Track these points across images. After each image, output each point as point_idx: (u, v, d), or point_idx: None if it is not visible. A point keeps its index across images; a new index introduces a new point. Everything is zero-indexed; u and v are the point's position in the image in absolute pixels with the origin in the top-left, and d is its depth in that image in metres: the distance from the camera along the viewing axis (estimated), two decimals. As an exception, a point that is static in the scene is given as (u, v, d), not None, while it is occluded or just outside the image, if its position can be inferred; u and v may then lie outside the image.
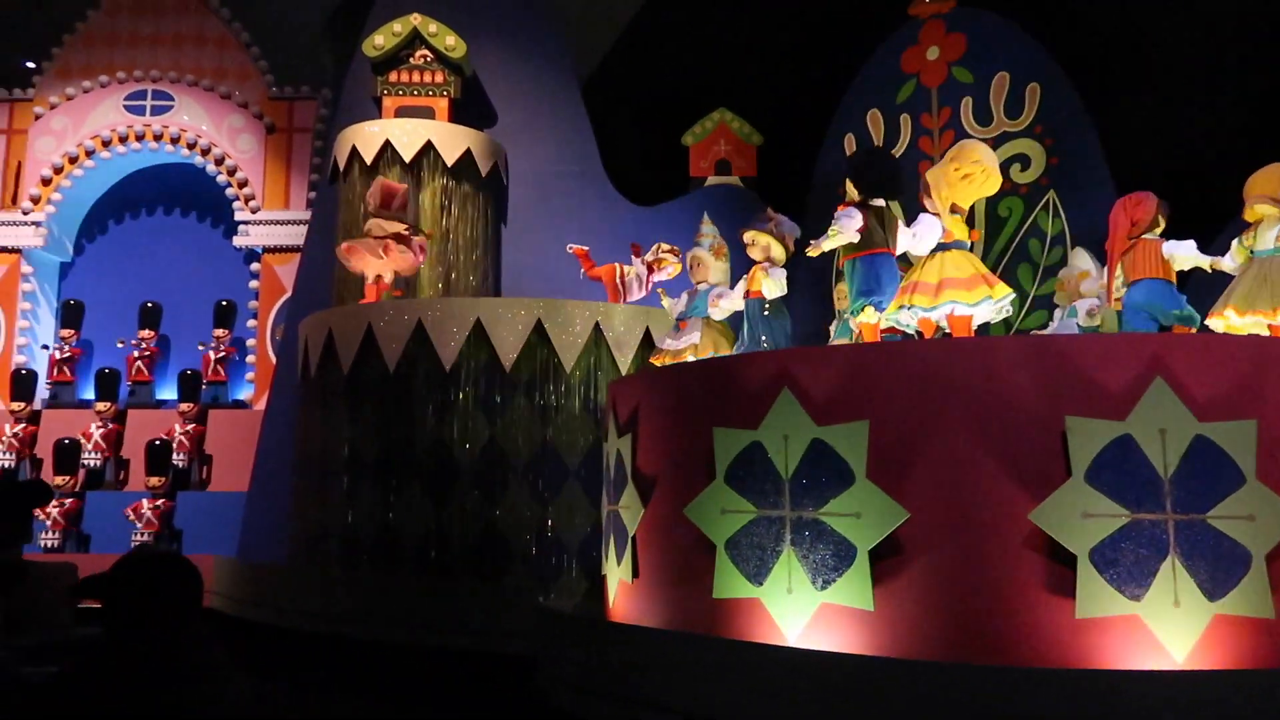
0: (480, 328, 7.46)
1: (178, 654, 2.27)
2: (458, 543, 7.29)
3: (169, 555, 2.48)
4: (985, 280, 4.75)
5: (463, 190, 9.47)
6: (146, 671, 2.22)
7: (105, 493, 10.58)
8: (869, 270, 4.91)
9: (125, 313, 11.61)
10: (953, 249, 4.83)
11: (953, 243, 4.85)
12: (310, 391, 8.21)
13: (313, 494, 7.98)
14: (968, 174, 4.85)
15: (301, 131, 11.77)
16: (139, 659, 2.23)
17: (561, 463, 7.44)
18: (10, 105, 11.92)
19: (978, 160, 5.00)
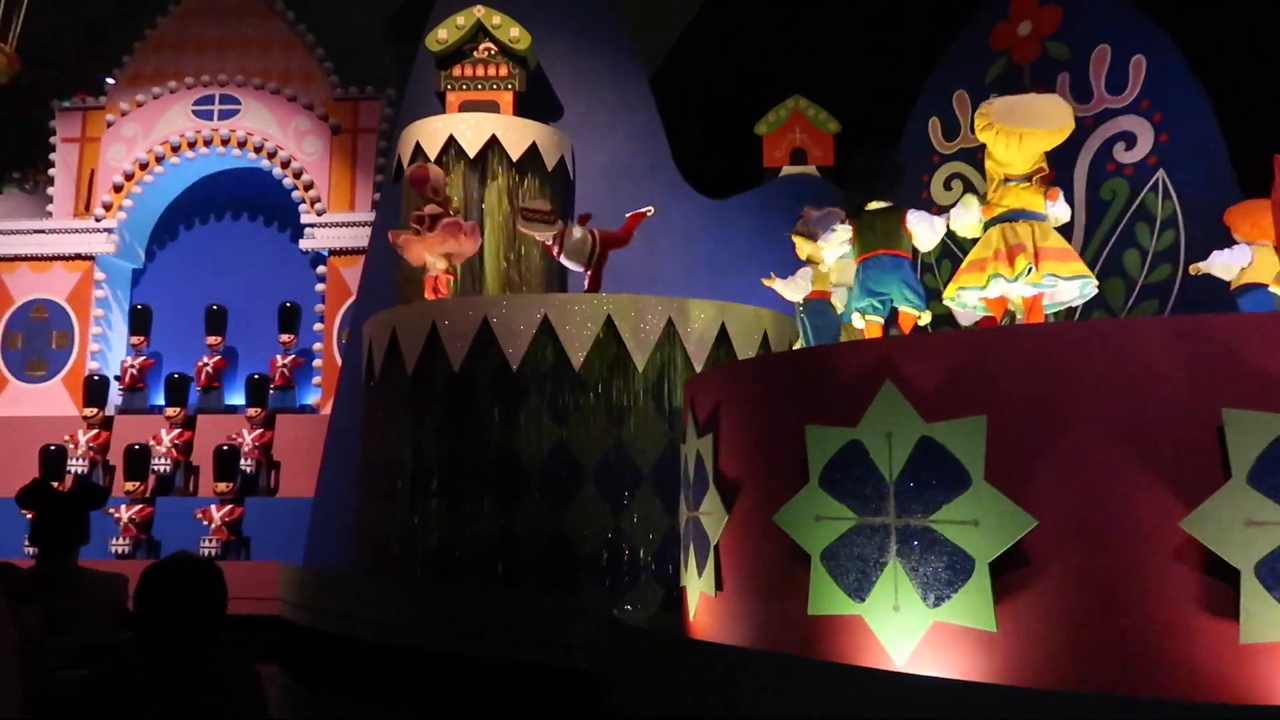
0: (548, 325, 7.11)
1: (201, 659, 2.32)
2: (525, 551, 6.94)
3: (195, 562, 2.50)
4: (1002, 257, 4.53)
5: (529, 185, 9.16)
6: (170, 675, 2.27)
7: (175, 499, 10.52)
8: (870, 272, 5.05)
9: (194, 318, 11.59)
10: (1001, 222, 4.63)
11: (1007, 214, 4.62)
12: (374, 394, 7.96)
13: (377, 500, 7.73)
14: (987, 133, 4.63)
15: (366, 132, 11.63)
16: (163, 663, 2.29)
17: (634, 466, 7.06)
18: (83, 113, 12.01)
19: (982, 115, 4.67)
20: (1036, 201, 4.66)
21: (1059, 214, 4.77)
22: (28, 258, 11.69)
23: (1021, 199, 4.66)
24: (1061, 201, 4.78)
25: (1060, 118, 4.67)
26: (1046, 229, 4.65)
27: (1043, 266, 4.51)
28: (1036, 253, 4.53)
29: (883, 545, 3.76)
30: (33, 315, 11.63)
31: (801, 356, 4.67)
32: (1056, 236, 4.70)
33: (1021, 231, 4.60)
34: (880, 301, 5.09)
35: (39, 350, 11.55)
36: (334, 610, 7.81)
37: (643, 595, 6.97)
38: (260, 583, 9.29)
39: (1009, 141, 4.62)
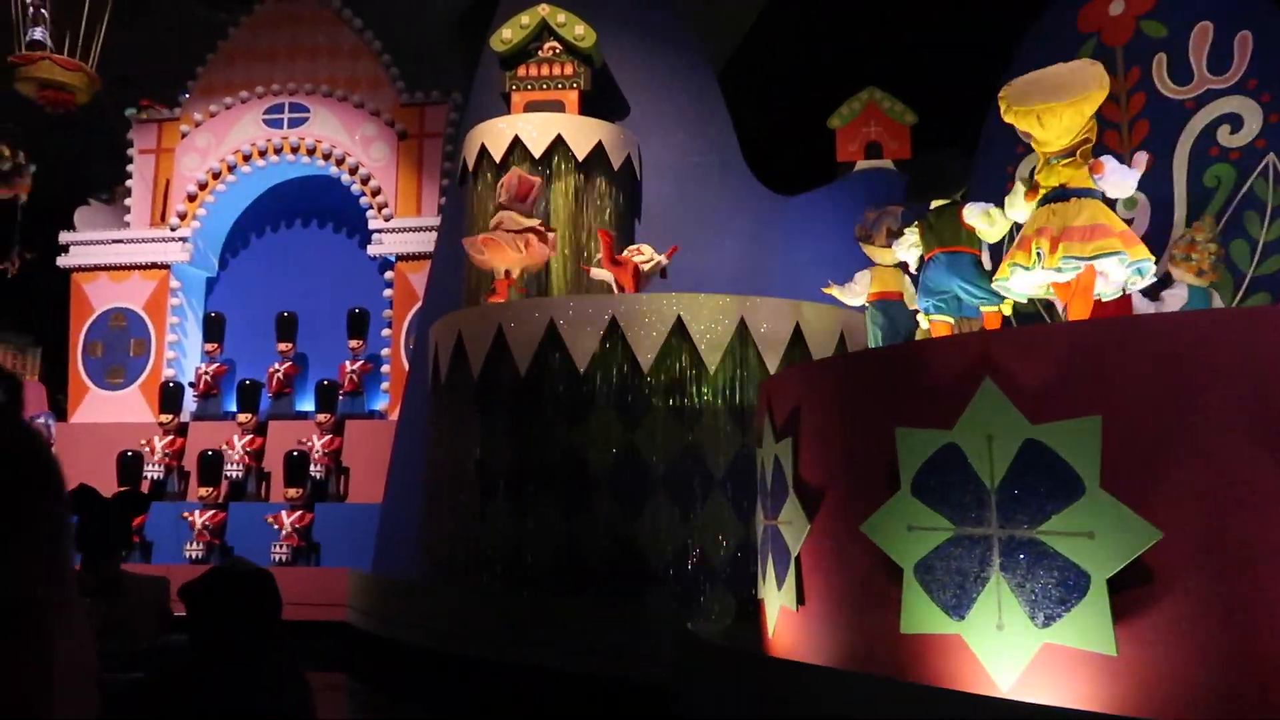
0: (616, 326, 6.90)
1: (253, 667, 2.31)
2: (594, 559, 6.73)
3: (250, 572, 2.51)
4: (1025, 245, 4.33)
5: (595, 185, 8.99)
6: (222, 682, 2.27)
7: (247, 504, 10.58)
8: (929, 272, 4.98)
9: (265, 325, 11.68)
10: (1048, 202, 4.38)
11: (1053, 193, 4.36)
12: (440, 398, 7.84)
13: (443, 506, 7.60)
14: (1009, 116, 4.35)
15: (432, 137, 11.60)
16: (216, 670, 2.29)
17: (705, 472, 6.79)
18: (159, 124, 12.22)
19: (1001, 98, 4.38)
20: (1080, 177, 4.32)
21: (1111, 187, 4.37)
22: (107, 267, 11.92)
23: (1063, 176, 4.34)
24: (1112, 172, 4.34)
25: (1080, 85, 4.24)
26: (1084, 205, 4.29)
27: (1060, 249, 4.20)
28: (1061, 234, 4.23)
29: (984, 558, 3.44)
30: (111, 324, 11.85)
31: (890, 354, 4.36)
32: (1094, 213, 4.28)
33: (1057, 212, 4.32)
34: (942, 301, 4.96)
35: (118, 358, 11.76)
36: (402, 618, 7.70)
37: (715, 606, 6.71)
38: (329, 589, 9.26)
39: (1031, 122, 4.31)
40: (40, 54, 11.22)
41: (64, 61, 11.32)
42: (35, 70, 11.06)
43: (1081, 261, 4.21)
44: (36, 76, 11.11)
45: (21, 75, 11.13)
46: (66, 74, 11.19)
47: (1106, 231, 4.26)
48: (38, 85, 11.23)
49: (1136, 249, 4.24)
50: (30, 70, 11.06)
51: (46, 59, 11.19)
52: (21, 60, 11.21)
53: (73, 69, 11.35)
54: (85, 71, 11.53)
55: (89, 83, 11.58)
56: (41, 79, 11.16)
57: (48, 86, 11.21)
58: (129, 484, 10.48)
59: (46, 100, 11.41)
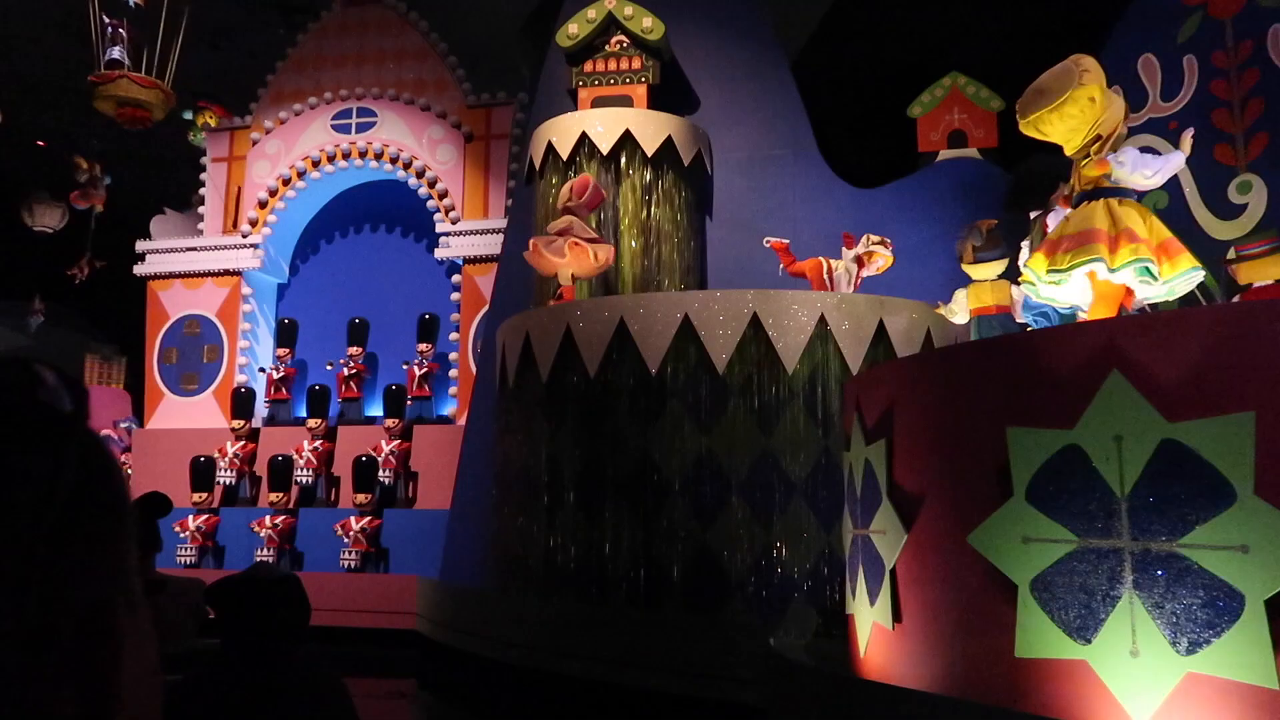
0: (689, 325, 6.60)
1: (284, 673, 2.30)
2: (668, 569, 6.43)
3: (276, 578, 2.43)
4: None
5: (664, 181, 8.70)
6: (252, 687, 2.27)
7: (317, 510, 10.53)
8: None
9: (335, 330, 11.66)
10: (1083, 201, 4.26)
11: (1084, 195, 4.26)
12: (508, 402, 7.63)
13: (512, 513, 7.38)
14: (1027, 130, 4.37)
15: (499, 138, 11.46)
16: (245, 675, 2.28)
17: (785, 477, 6.44)
18: (230, 133, 12.32)
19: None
20: (1103, 175, 4.24)
21: (1131, 180, 4.24)
22: (181, 275, 12.04)
23: (1088, 175, 4.28)
24: (1125, 165, 4.22)
25: (1059, 87, 4.18)
26: (1089, 210, 4.20)
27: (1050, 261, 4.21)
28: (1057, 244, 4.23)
29: (1114, 575, 3.04)
30: (186, 330, 11.96)
31: (1001, 345, 3.97)
32: (1089, 216, 4.17)
33: (1070, 219, 4.30)
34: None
35: (191, 364, 11.85)
36: (471, 628, 7.50)
37: (797, 620, 6.35)
38: (398, 596, 9.13)
39: (1034, 131, 4.32)
40: (118, 73, 11.45)
41: (140, 79, 11.53)
42: (113, 89, 11.32)
43: (1060, 274, 4.15)
44: (114, 95, 11.37)
45: (100, 94, 11.40)
46: (143, 91, 11.43)
47: (1091, 237, 4.11)
48: (115, 103, 11.47)
49: (1123, 252, 4.02)
50: (108, 89, 11.32)
51: (124, 77, 11.42)
52: (100, 80, 11.46)
53: (149, 86, 11.57)
54: (161, 89, 11.73)
55: (164, 100, 11.78)
56: (119, 97, 11.40)
57: (125, 104, 11.44)
58: (203, 490, 10.52)
59: (124, 118, 11.66)
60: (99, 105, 11.73)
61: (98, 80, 11.60)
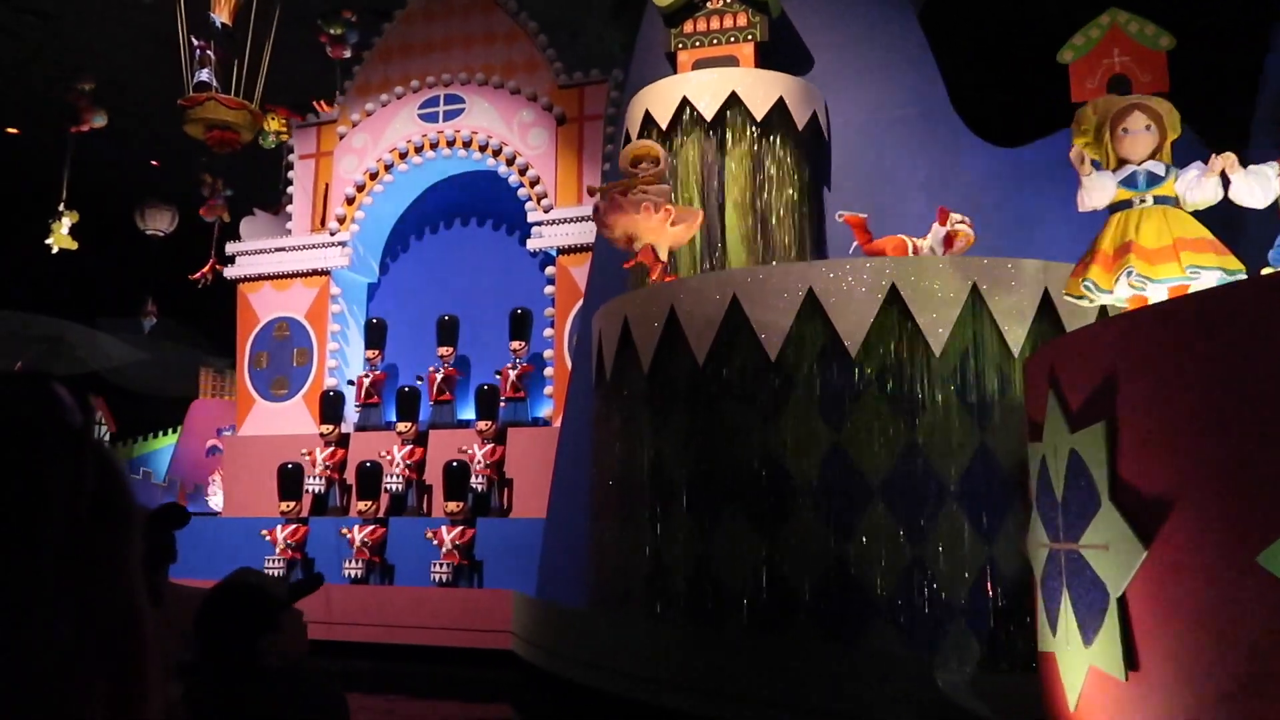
0: (814, 301, 5.62)
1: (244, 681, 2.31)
2: (797, 588, 5.45)
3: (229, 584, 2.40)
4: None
5: (776, 147, 7.74)
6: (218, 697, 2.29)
7: (407, 519, 9.91)
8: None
9: (425, 330, 11.06)
10: None
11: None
12: (606, 397, 6.78)
13: (612, 523, 6.52)
14: None
15: (592, 119, 10.68)
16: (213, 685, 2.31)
17: (935, 478, 5.41)
18: (317, 128, 11.90)
19: None
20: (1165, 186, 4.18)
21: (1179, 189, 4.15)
22: (270, 276, 11.65)
23: None
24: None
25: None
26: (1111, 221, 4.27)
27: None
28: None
29: None
30: (275, 334, 11.55)
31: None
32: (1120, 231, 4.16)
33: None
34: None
35: (282, 369, 11.43)
36: (570, 652, 6.67)
37: (952, 648, 5.30)
38: (492, 613, 8.39)
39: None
40: (205, 95, 11.23)
41: (228, 101, 11.30)
42: (201, 112, 11.14)
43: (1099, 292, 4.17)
44: (203, 118, 11.18)
45: (189, 117, 11.24)
46: (230, 113, 11.23)
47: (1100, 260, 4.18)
48: (204, 126, 11.26)
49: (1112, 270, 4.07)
50: (197, 112, 11.14)
51: (212, 99, 11.19)
52: (189, 103, 11.26)
53: (236, 107, 11.33)
54: (248, 109, 11.46)
55: (252, 121, 11.51)
56: (207, 120, 11.19)
57: (214, 127, 11.23)
58: (291, 499, 10.02)
59: (214, 141, 11.46)
60: (189, 129, 11.54)
61: (187, 104, 11.39)
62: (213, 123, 11.41)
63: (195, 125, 11.52)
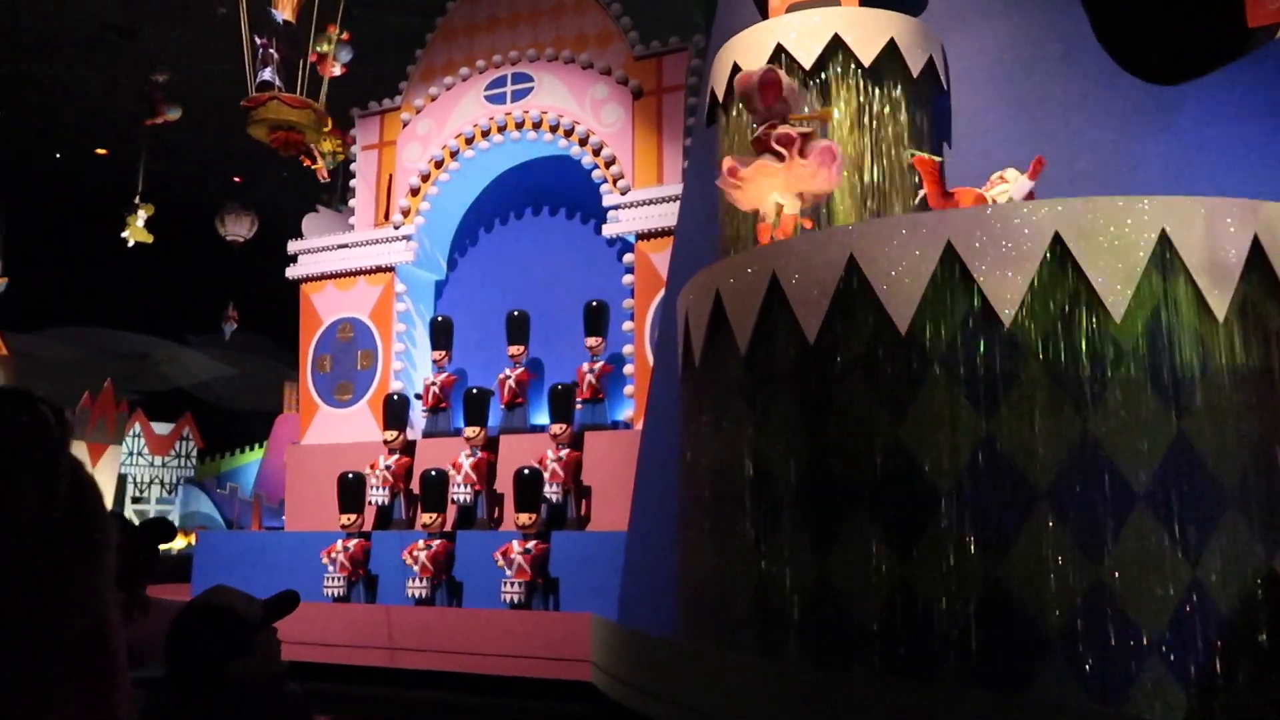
0: (954, 258, 4.51)
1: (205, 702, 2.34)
2: (944, 619, 4.33)
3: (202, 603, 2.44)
4: None
5: (886, 96, 6.64)
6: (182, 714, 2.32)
7: (476, 533, 9.02)
8: None
9: (494, 327, 10.20)
10: None
11: None
12: (695, 389, 5.76)
13: (706, 537, 5.48)
14: None
15: (672, 91, 9.70)
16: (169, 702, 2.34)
17: (1117, 479, 4.24)
18: (380, 116, 11.21)
19: None
20: None
21: None
22: (332, 275, 10.97)
23: None
24: None
25: None
26: None
27: None
28: None
29: None
30: (339, 335, 10.86)
31: None
32: None
33: None
34: None
35: (345, 372, 10.73)
36: (658, 689, 5.64)
37: (1147, 696, 4.11)
38: (568, 639, 7.41)
39: None
40: (268, 95, 10.74)
41: (291, 100, 10.80)
42: (264, 112, 10.68)
43: None
44: (266, 118, 10.70)
45: (253, 118, 10.78)
46: (294, 112, 10.75)
47: None
48: (268, 128, 10.78)
49: None
50: (260, 113, 10.66)
51: (275, 99, 10.69)
52: (252, 104, 10.78)
53: (299, 106, 10.81)
54: (312, 108, 10.94)
55: (317, 120, 10.99)
56: (270, 120, 10.71)
57: (277, 128, 10.73)
58: (352, 511, 9.24)
59: (278, 143, 10.99)
60: (252, 131, 11.07)
61: (249, 104, 10.90)
62: (276, 123, 10.93)
63: (259, 127, 11.05)
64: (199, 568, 10.03)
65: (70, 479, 0.84)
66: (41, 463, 0.83)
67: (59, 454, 0.84)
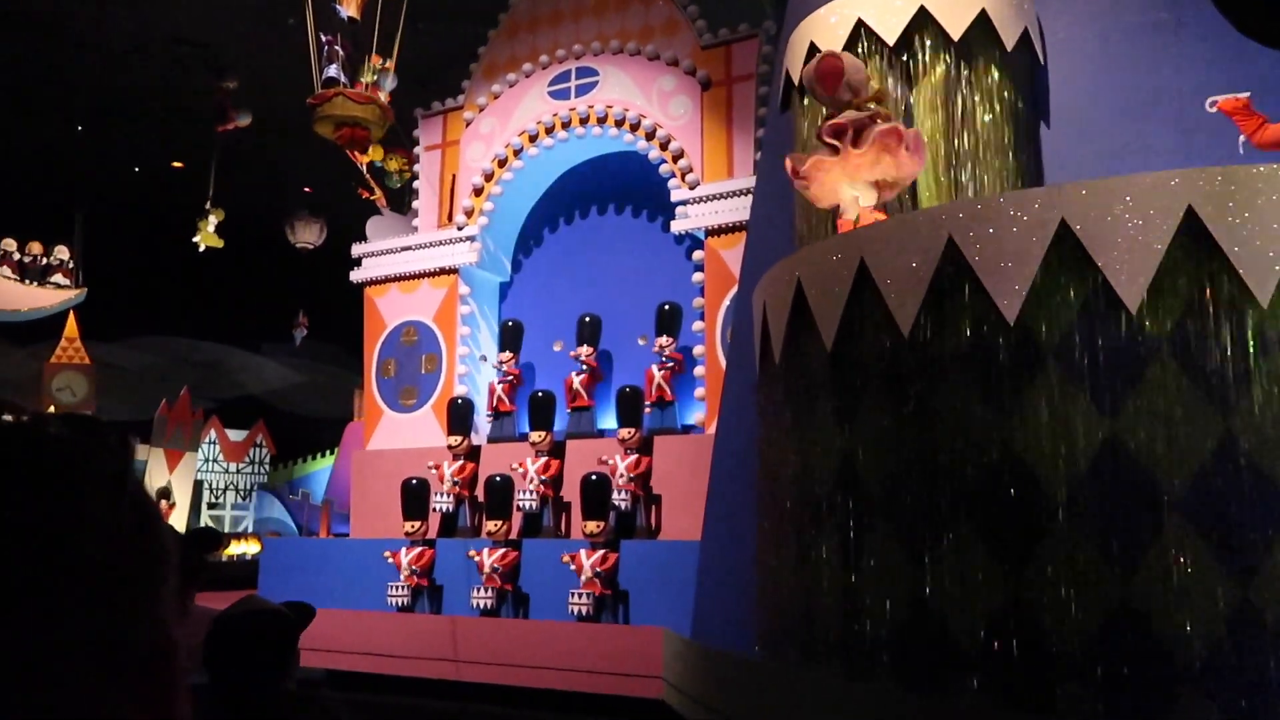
0: (1068, 236, 4.02)
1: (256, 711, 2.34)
2: (1064, 642, 3.84)
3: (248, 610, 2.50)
4: None
5: (978, 73, 6.14)
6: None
7: (543, 541, 8.71)
8: None
9: (562, 329, 9.91)
10: None
11: None
12: (775, 388, 5.34)
13: (787, 547, 5.05)
14: None
15: (742, 80, 9.29)
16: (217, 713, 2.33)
17: (1266, 484, 3.70)
18: (443, 116, 11.01)
19: None
20: None
21: None
22: (396, 278, 10.80)
23: None
24: None
25: None
26: None
27: None
28: None
29: None
30: (403, 339, 10.68)
31: None
32: None
33: None
34: None
35: (410, 377, 10.53)
36: (737, 711, 5.24)
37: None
38: (639, 654, 7.04)
39: None
40: (333, 90, 10.66)
41: (356, 95, 10.71)
42: (330, 108, 10.61)
43: None
44: (332, 115, 10.63)
45: (318, 115, 10.72)
46: (359, 108, 10.65)
47: None
48: (334, 125, 10.70)
49: None
50: (325, 109, 10.59)
51: (340, 94, 10.60)
52: (318, 100, 10.70)
53: (364, 101, 10.70)
54: (377, 103, 10.82)
55: (381, 116, 10.88)
56: (336, 116, 10.63)
57: (343, 124, 10.64)
58: (416, 518, 9.01)
59: (344, 140, 10.93)
60: (318, 129, 11.02)
61: (315, 101, 10.84)
62: (341, 119, 10.86)
63: (324, 124, 11.00)
64: (264, 573, 9.92)
65: (134, 501, 0.86)
66: (107, 486, 0.83)
67: (124, 477, 0.86)
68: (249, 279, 25.61)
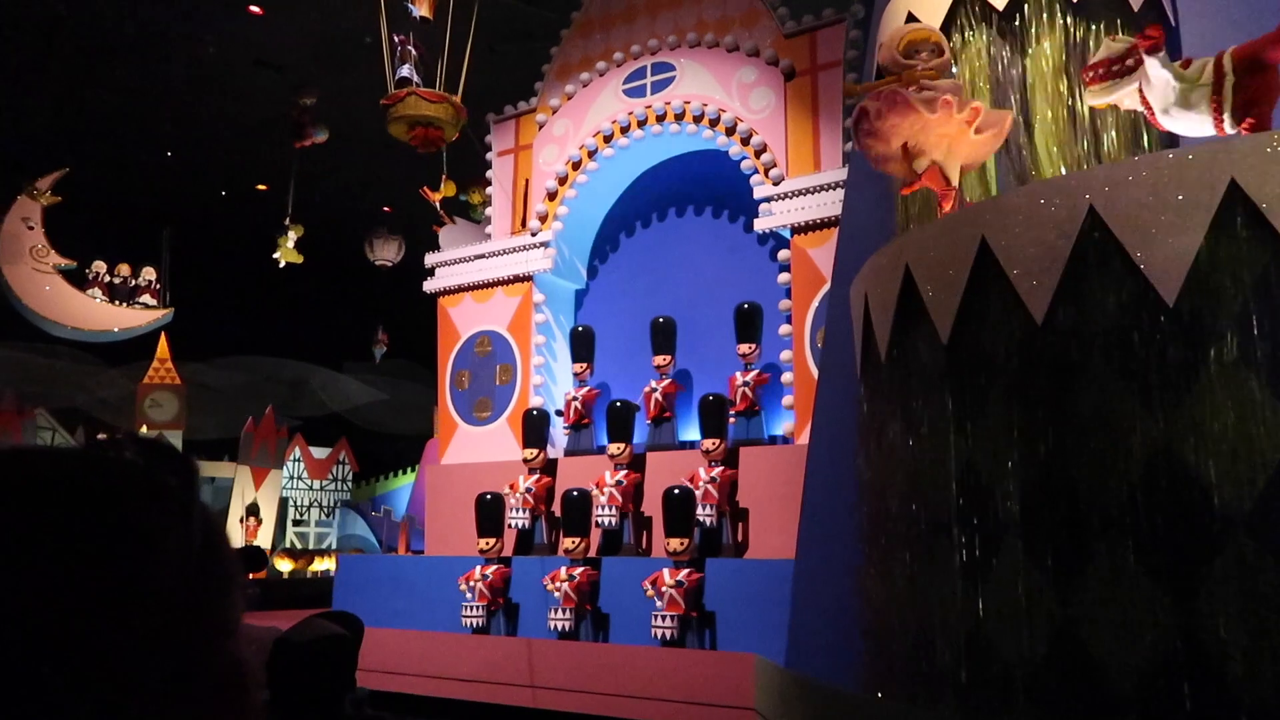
0: (1241, 201, 3.39)
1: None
2: (1239, 680, 3.19)
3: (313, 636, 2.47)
4: None
5: (1101, 34, 5.49)
6: None
7: (623, 559, 8.23)
8: None
9: (640, 337, 9.46)
10: None
11: None
12: (880, 388, 4.77)
13: (897, 568, 4.47)
14: None
15: (828, 68, 8.74)
16: None
17: None
18: (515, 120, 10.72)
19: None
20: None
21: None
22: (470, 287, 10.51)
23: None
24: None
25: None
26: None
27: None
28: None
29: None
30: (477, 350, 10.36)
31: None
32: None
33: None
34: None
35: (484, 388, 10.20)
36: (839, 751, 4.65)
37: None
38: (727, 682, 6.49)
39: None
40: (405, 90, 10.45)
41: (428, 94, 10.46)
42: (403, 108, 10.36)
43: None
44: (404, 115, 10.40)
45: (392, 116, 10.50)
46: (432, 107, 10.38)
47: None
48: (407, 126, 10.48)
49: None
50: (398, 109, 10.36)
51: (412, 94, 10.37)
52: (390, 101, 10.51)
53: (437, 101, 10.44)
54: (450, 102, 10.57)
55: (455, 114, 10.62)
56: (409, 117, 10.39)
57: (416, 124, 10.40)
58: (491, 535, 8.64)
59: (418, 140, 10.66)
60: (392, 130, 10.82)
61: (389, 102, 10.65)
62: (414, 119, 10.62)
63: (398, 125, 10.80)
64: (339, 590, 9.67)
65: (203, 532, 0.84)
66: (177, 510, 0.82)
67: (192, 501, 0.84)
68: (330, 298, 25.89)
